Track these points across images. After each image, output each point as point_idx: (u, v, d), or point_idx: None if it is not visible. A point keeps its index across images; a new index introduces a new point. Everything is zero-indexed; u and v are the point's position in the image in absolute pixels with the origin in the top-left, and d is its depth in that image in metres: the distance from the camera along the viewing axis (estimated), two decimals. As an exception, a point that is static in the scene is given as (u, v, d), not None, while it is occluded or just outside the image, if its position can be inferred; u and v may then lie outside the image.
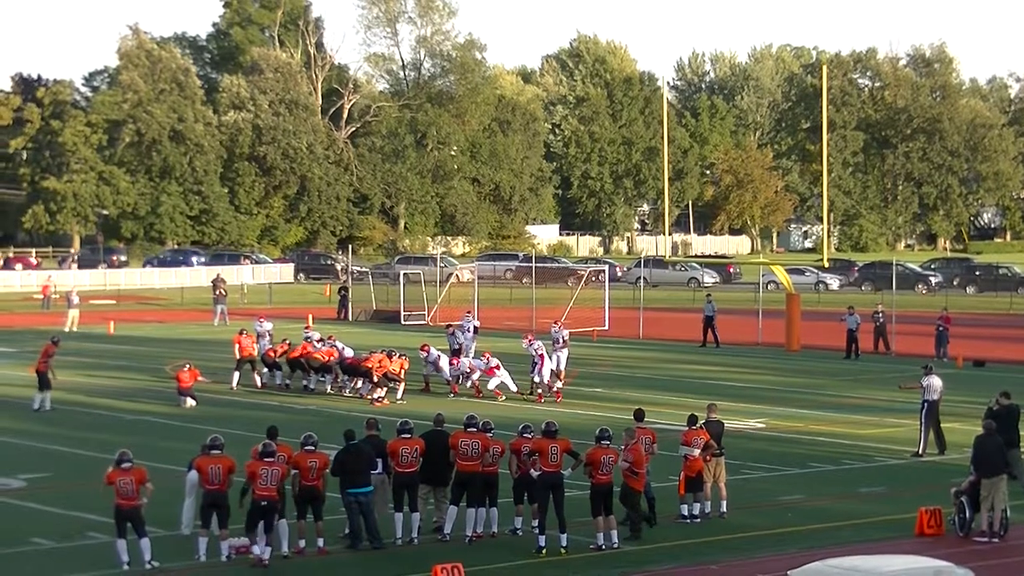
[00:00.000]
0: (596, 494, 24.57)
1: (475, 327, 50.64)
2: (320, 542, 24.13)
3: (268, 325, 47.61)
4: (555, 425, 25.06)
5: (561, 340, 46.40)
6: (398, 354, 43.11)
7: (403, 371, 42.53)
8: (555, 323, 48.52)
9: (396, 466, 24.84)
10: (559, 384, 44.39)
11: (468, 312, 53.33)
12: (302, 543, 24.08)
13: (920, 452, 33.37)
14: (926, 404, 33.41)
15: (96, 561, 23.56)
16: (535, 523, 24.61)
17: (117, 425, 38.15)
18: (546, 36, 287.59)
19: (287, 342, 45.91)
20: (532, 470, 24.67)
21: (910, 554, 20.39)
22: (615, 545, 24.44)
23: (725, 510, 26.98)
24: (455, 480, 25.12)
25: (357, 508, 24.33)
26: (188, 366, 42.06)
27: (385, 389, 41.81)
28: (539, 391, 43.29)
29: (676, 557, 24.21)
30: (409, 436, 25.01)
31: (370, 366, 42.00)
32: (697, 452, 26.49)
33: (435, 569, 21.58)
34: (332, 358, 43.61)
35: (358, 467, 24.36)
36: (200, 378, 42.23)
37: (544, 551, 24.09)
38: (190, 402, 41.14)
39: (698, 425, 27.07)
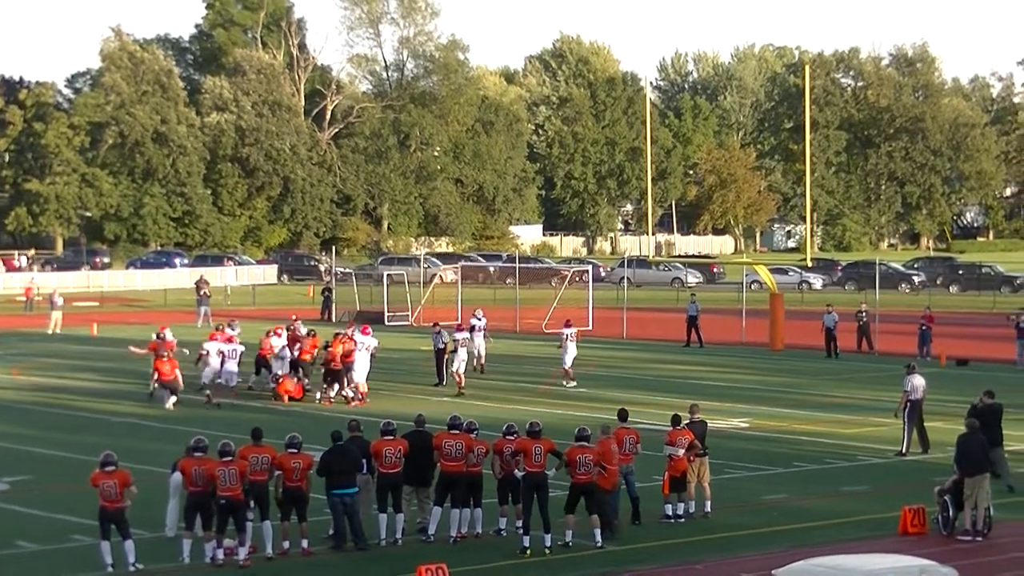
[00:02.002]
0: (575, 493, 24.63)
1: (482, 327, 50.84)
2: (304, 543, 24.13)
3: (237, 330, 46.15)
4: (539, 425, 25.10)
5: (569, 337, 47.00)
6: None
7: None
8: (566, 324, 48.23)
9: (380, 467, 24.82)
10: (572, 383, 46.01)
11: (477, 310, 53.10)
12: (286, 544, 24.07)
13: (904, 451, 33.42)
14: (909, 403, 33.45)
15: (80, 563, 23.52)
16: (519, 523, 24.63)
17: (101, 427, 38.06)
18: (529, 36, 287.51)
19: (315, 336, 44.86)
20: (516, 470, 24.69)
21: (894, 553, 20.42)
22: (599, 545, 24.45)
23: (709, 510, 27.01)
24: (440, 481, 25.12)
25: (342, 509, 24.31)
26: (168, 355, 41.74)
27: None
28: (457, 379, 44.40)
29: (660, 557, 24.23)
30: (392, 437, 25.01)
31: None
32: (681, 452, 26.52)
33: (420, 570, 21.58)
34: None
35: (343, 468, 24.34)
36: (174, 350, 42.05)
37: (528, 551, 24.11)
38: (171, 401, 40.80)
39: (682, 425, 27.10)
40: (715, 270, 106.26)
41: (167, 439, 33.83)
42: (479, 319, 50.77)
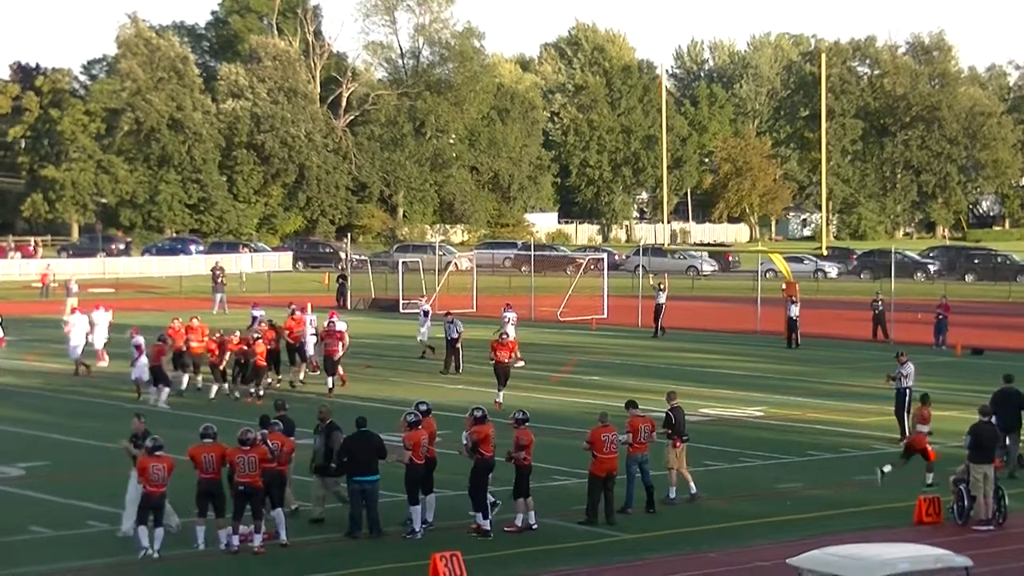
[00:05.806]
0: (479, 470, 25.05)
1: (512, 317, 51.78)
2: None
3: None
4: (481, 410, 25.24)
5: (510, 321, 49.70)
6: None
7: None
8: (506, 306, 52.16)
9: (415, 457, 24.62)
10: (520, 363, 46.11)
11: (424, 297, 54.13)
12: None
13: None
14: (908, 391, 33.55)
15: (95, 550, 23.57)
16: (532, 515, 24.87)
17: (116, 413, 38.07)
18: (545, 24, 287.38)
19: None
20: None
21: (909, 542, 20.37)
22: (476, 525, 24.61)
23: (695, 491, 27.05)
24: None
25: (361, 496, 24.31)
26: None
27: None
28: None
29: (674, 545, 24.22)
30: (420, 427, 24.93)
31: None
32: None
33: (434, 557, 21.58)
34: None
35: (366, 454, 24.33)
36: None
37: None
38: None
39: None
40: (730, 258, 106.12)
41: (182, 425, 33.80)
42: (425, 304, 53.64)
